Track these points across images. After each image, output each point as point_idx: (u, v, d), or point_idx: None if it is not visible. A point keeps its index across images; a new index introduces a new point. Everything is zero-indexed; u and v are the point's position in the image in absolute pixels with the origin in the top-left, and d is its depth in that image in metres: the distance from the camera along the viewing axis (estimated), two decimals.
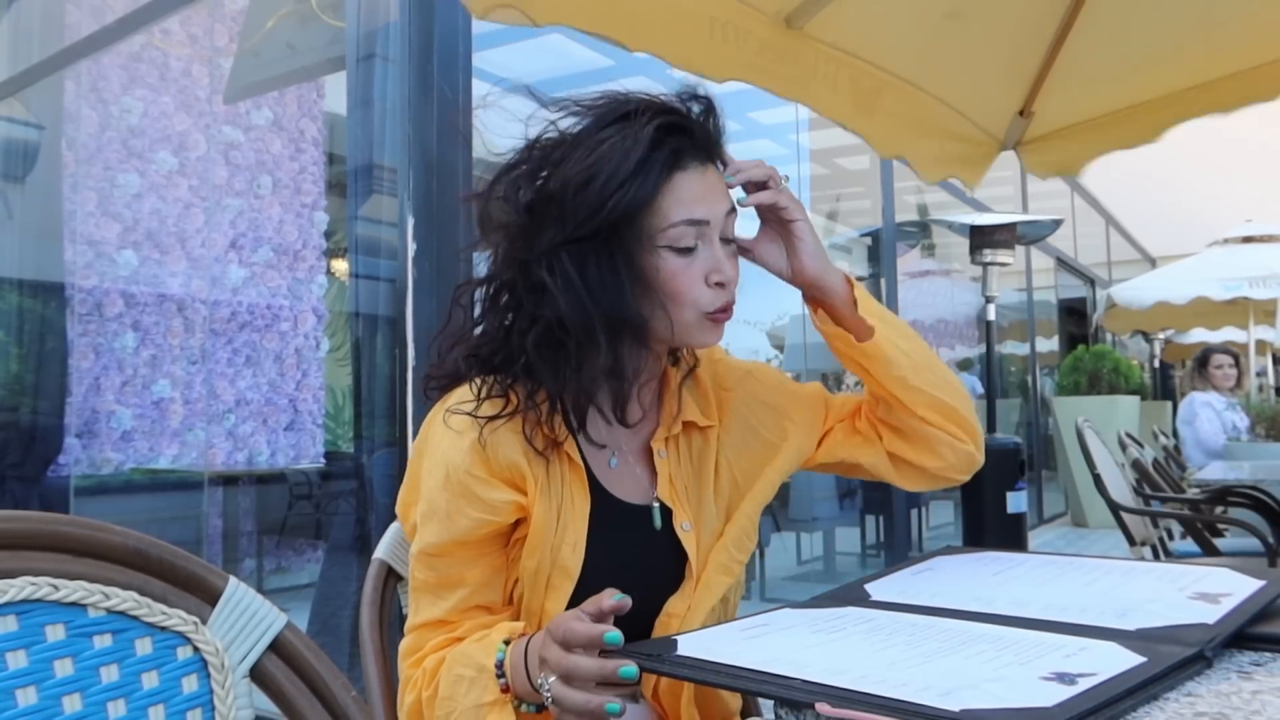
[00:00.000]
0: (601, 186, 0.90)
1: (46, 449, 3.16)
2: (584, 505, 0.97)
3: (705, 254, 0.95)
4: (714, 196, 0.96)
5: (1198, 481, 3.41)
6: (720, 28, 1.77)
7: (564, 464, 0.97)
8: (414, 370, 2.18)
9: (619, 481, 1.02)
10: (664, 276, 0.94)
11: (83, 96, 3.18)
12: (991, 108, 2.45)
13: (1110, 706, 0.56)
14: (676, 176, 0.94)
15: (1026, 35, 2.24)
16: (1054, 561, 0.96)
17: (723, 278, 0.96)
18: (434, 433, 0.98)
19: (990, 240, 4.59)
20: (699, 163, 0.96)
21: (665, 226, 0.93)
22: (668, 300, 0.94)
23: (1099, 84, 2.38)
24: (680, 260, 0.94)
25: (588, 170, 0.91)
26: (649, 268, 0.94)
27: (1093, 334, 9.48)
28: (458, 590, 0.96)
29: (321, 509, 3.74)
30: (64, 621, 0.78)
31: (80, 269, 3.17)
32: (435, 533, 0.94)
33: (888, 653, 0.68)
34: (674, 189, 0.93)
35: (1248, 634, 0.70)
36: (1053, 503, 8.11)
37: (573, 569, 0.95)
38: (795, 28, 1.94)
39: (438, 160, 2.20)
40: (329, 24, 3.01)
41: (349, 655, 2.48)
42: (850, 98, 2.10)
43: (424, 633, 0.97)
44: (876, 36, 2.10)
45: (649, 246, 0.93)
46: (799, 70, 1.96)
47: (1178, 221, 9.55)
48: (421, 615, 0.97)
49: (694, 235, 0.94)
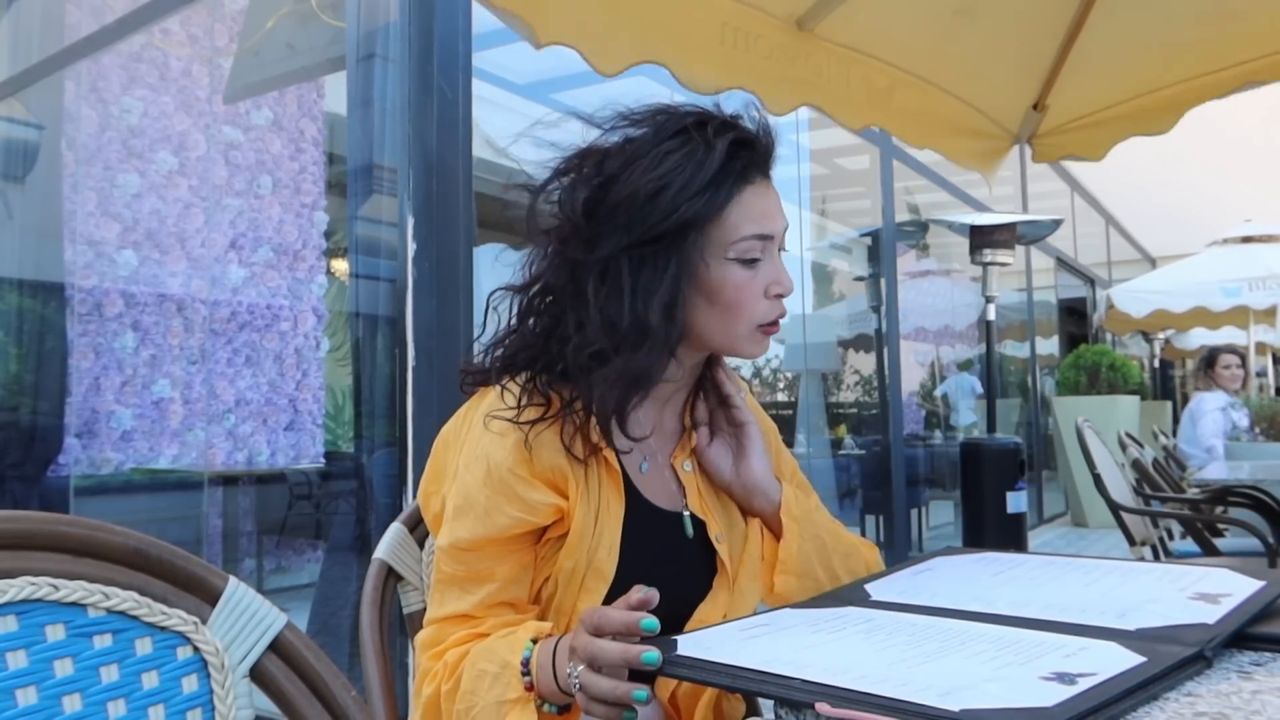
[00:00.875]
0: (674, 195, 0.92)
1: (46, 449, 3.16)
2: (619, 509, 0.99)
3: (768, 267, 0.99)
4: (776, 211, 1.00)
5: (1198, 481, 3.41)
6: (732, 33, 1.78)
7: (601, 467, 0.99)
8: (414, 370, 2.18)
9: (650, 486, 1.03)
10: (730, 287, 0.96)
11: (83, 96, 3.18)
12: (1004, 102, 2.46)
13: (1110, 706, 0.56)
14: (746, 190, 0.97)
15: (1039, 30, 2.25)
16: (1054, 562, 0.96)
17: (782, 290, 0.99)
18: (473, 430, 0.98)
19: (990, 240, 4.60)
20: (764, 177, 1.00)
21: (735, 239, 0.96)
22: (728, 310, 0.97)
23: (1112, 77, 2.39)
24: (746, 273, 0.97)
25: (659, 179, 0.93)
26: (714, 278, 0.96)
27: (1093, 334, 9.49)
28: (485, 585, 0.96)
29: (321, 509, 3.74)
30: (64, 621, 0.78)
31: (80, 269, 3.17)
32: (470, 528, 0.94)
33: (888, 653, 0.68)
34: (743, 203, 0.96)
35: (1248, 634, 0.70)
36: (1053, 503, 8.11)
37: (607, 571, 0.96)
38: (806, 30, 1.95)
39: (438, 160, 2.20)
40: (329, 24, 3.01)
41: (349, 655, 2.48)
42: (864, 95, 2.11)
43: (446, 626, 0.97)
44: (888, 35, 2.11)
45: (717, 257, 0.96)
46: (808, 72, 1.97)
47: (1178, 221, 9.55)
48: (446, 608, 0.97)
49: (760, 248, 0.97)
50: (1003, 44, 2.27)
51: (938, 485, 6.45)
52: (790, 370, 6.04)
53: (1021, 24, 2.22)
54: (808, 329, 5.71)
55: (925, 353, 6.77)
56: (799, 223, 5.56)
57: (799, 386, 5.91)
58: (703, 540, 1.03)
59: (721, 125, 0.97)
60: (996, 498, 4.34)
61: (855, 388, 6.84)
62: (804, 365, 5.80)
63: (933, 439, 6.59)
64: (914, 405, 6.34)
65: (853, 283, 6.65)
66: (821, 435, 6.00)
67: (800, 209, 5.60)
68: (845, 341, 6.52)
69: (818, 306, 6.45)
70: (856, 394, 6.83)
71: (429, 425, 2.16)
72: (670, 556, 1.01)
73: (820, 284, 6.61)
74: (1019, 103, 2.47)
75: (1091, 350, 7.97)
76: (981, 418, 6.72)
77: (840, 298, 6.77)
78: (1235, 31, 2.17)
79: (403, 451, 2.21)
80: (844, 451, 5.96)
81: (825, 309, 6.56)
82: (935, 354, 6.96)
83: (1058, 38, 2.26)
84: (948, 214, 6.20)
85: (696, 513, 1.03)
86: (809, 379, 5.94)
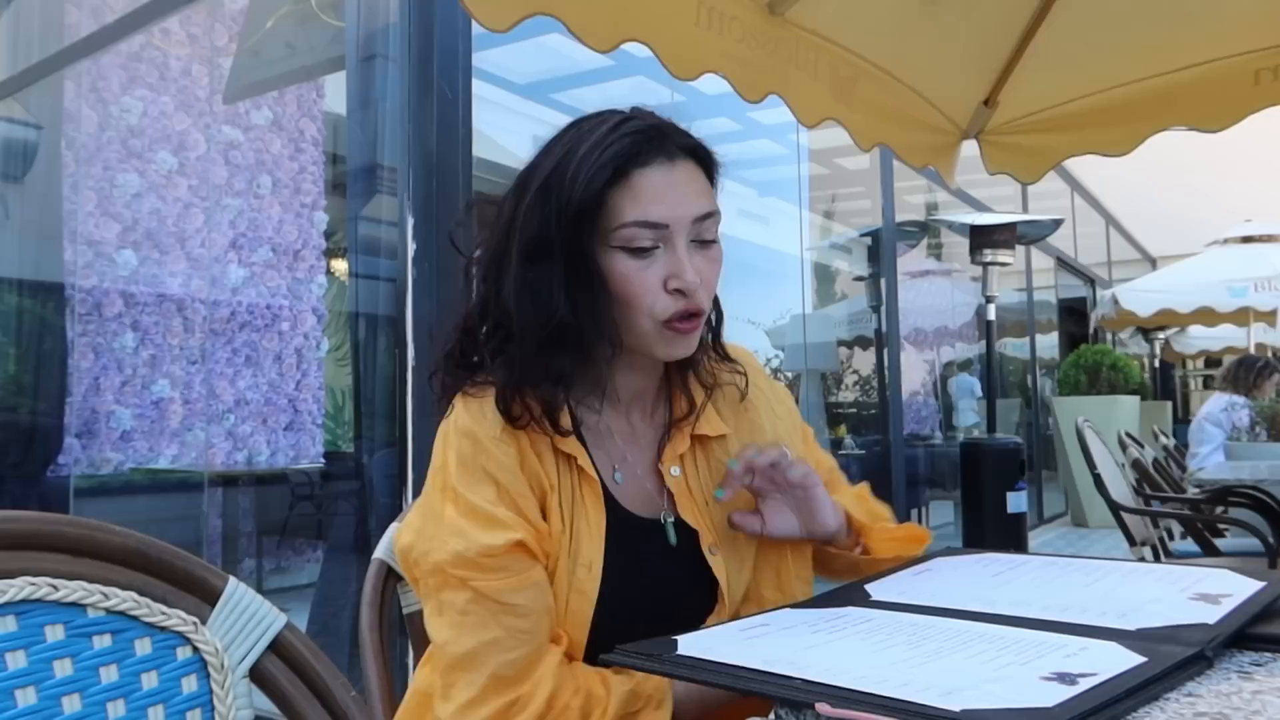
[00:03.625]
0: (555, 184, 0.88)
1: (46, 449, 3.16)
2: (599, 519, 0.92)
3: (665, 257, 0.90)
4: (678, 196, 0.90)
5: (1198, 481, 3.41)
6: (707, 13, 1.77)
7: (575, 474, 0.93)
8: (414, 370, 2.18)
9: (627, 495, 0.97)
10: (615, 278, 0.89)
11: (82, 96, 3.18)
12: (957, 96, 2.45)
13: (1111, 706, 0.56)
14: (635, 174, 0.88)
15: (999, 24, 2.24)
16: (1054, 562, 0.96)
17: (681, 284, 0.89)
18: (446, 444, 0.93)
19: (990, 240, 4.61)
20: (665, 158, 0.90)
21: (617, 226, 0.88)
22: (622, 305, 0.90)
23: (1063, 75, 2.39)
24: (634, 263, 0.89)
25: (546, 170, 0.90)
26: (601, 269, 0.89)
27: (1092, 334, 9.49)
28: (524, 635, 0.86)
29: (321, 509, 3.74)
30: (63, 622, 0.78)
31: (80, 269, 3.16)
32: (489, 525, 0.86)
33: (888, 653, 0.68)
34: (630, 186, 0.88)
35: (1248, 634, 0.70)
36: (1053, 503, 8.11)
37: (590, 591, 0.90)
38: (777, 14, 1.94)
39: (438, 160, 2.20)
40: (329, 24, 3.01)
41: (349, 655, 2.48)
42: (829, 86, 2.10)
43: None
44: (856, 23, 2.11)
45: (603, 246, 0.89)
46: (778, 59, 1.95)
47: (1178, 221, 9.54)
48: (469, 691, 0.84)
49: (651, 237, 0.89)
50: (963, 37, 2.26)
51: (938, 485, 6.45)
52: (790, 370, 6.04)
53: (983, 17, 2.21)
54: (808, 329, 5.71)
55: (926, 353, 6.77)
56: (799, 223, 5.55)
57: (799, 386, 5.91)
58: (692, 548, 0.97)
59: (621, 115, 0.92)
60: (996, 498, 4.35)
61: (855, 388, 6.85)
62: (804, 365, 5.80)
63: (933, 439, 6.60)
64: (917, 404, 6.34)
65: (853, 283, 6.65)
66: (821, 435, 6.00)
67: (800, 209, 5.59)
68: (845, 341, 6.52)
69: (818, 306, 6.45)
70: (856, 394, 6.84)
71: (429, 425, 2.15)
72: (658, 568, 0.95)
73: (820, 284, 6.61)
74: (971, 97, 2.46)
75: (1092, 350, 7.97)
76: (982, 418, 6.73)
77: (840, 298, 6.77)
78: (1187, 34, 2.17)
79: (403, 451, 2.21)
80: (844, 451, 5.96)
81: (825, 309, 6.56)
82: (936, 354, 6.96)
83: (1016, 32, 2.25)
84: (948, 214, 6.20)
85: (689, 522, 0.97)
86: (809, 379, 5.94)
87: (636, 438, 1.00)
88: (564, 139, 0.92)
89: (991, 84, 2.41)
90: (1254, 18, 2.10)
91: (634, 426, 1.00)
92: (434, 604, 0.88)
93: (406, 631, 1.13)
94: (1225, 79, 2.15)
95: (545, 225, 0.88)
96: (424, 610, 0.90)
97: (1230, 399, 5.21)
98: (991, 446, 4.44)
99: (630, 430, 1.00)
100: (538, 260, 0.89)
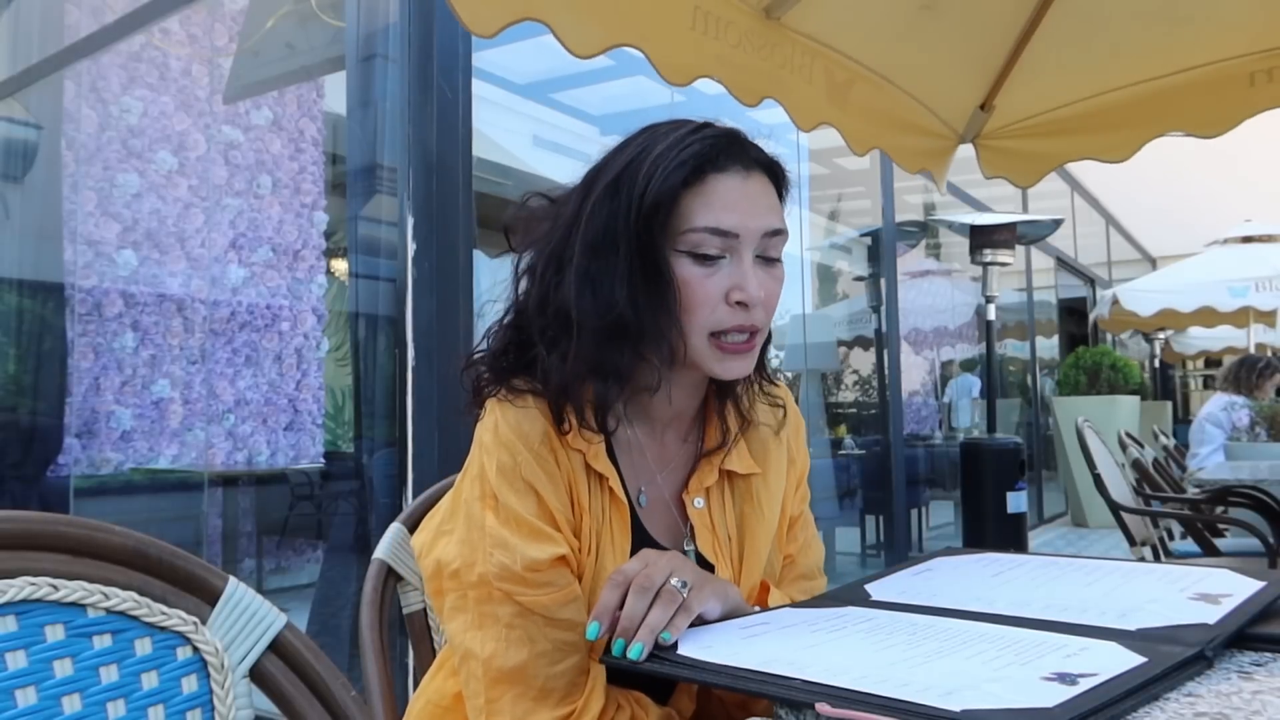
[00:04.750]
0: (626, 180, 0.87)
1: (46, 449, 3.16)
2: (624, 542, 0.91)
3: (730, 268, 0.88)
4: (750, 207, 0.88)
5: (1198, 481, 3.41)
6: (703, 17, 1.77)
7: (605, 496, 0.91)
8: (414, 370, 2.18)
9: (652, 520, 0.95)
10: (679, 283, 0.87)
11: (82, 96, 3.18)
12: (953, 100, 2.46)
13: (1111, 706, 0.56)
14: (710, 177, 0.88)
15: (995, 28, 2.25)
16: (1054, 562, 0.96)
17: (744, 296, 0.87)
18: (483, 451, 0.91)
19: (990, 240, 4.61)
20: (741, 167, 0.89)
21: (686, 229, 0.87)
22: (681, 311, 0.88)
23: (1059, 80, 2.39)
24: (698, 269, 0.87)
25: (618, 166, 0.89)
26: (666, 271, 0.87)
27: (1092, 333, 9.49)
28: (570, 652, 0.85)
29: (321, 509, 3.73)
30: (63, 622, 0.77)
31: (80, 269, 3.16)
32: (533, 536, 0.85)
33: (888, 653, 0.68)
34: (704, 190, 0.87)
35: (1248, 634, 0.70)
36: (1053, 503, 8.12)
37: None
38: (774, 18, 1.94)
39: (438, 160, 2.20)
40: (329, 24, 3.01)
41: (349, 655, 2.48)
42: (825, 90, 2.10)
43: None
44: (852, 27, 2.11)
45: (669, 250, 0.87)
46: (773, 64, 1.96)
47: (1178, 221, 9.55)
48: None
49: (719, 245, 0.87)
50: (958, 41, 2.26)
51: (938, 485, 6.45)
52: (790, 370, 6.04)
53: (979, 21, 2.21)
54: (808, 329, 5.71)
55: (926, 353, 6.77)
56: (799, 223, 5.55)
57: (799, 386, 5.91)
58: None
59: (699, 122, 0.91)
60: (997, 498, 4.35)
61: (855, 388, 6.85)
62: (804, 365, 5.80)
63: (933, 439, 6.60)
64: (917, 404, 6.34)
65: (853, 283, 6.65)
66: (822, 435, 5.99)
67: (800, 209, 5.59)
68: (845, 341, 6.52)
69: (818, 306, 6.45)
70: (856, 394, 6.83)
71: (429, 425, 2.16)
72: None
73: (820, 284, 6.61)
74: (968, 102, 2.46)
75: (1092, 351, 7.98)
76: (982, 418, 6.73)
77: (840, 298, 6.77)
78: (1181, 38, 2.17)
79: (403, 451, 2.21)
80: (844, 451, 5.96)
81: (825, 309, 6.56)
82: (935, 354, 6.96)
83: (1012, 37, 2.25)
84: (948, 214, 6.20)
85: (707, 556, 0.95)
86: (809, 379, 5.94)
87: (667, 460, 0.98)
88: (637, 139, 0.91)
89: (987, 88, 2.41)
90: (1248, 21, 2.10)
91: (666, 447, 0.98)
92: (474, 616, 0.86)
93: (406, 631, 1.13)
94: (1220, 83, 2.16)
95: (613, 219, 0.87)
96: (455, 621, 0.88)
97: (1230, 399, 5.19)
98: (991, 446, 4.44)
99: (662, 451, 0.98)
100: (602, 254, 0.87)
